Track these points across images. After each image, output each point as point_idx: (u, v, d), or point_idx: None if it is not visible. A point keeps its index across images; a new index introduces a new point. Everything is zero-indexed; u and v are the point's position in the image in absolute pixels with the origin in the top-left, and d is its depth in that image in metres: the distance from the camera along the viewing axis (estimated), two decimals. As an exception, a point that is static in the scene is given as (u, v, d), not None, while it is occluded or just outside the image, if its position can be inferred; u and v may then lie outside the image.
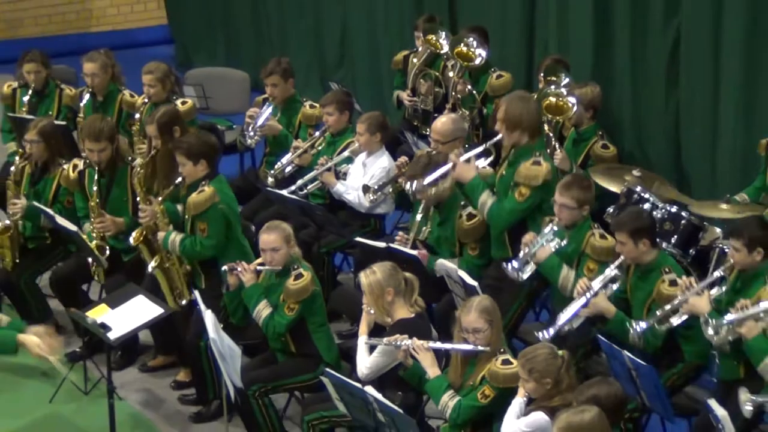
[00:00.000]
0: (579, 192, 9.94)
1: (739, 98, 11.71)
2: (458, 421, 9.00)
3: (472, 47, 12.67)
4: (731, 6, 11.66)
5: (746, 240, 9.08)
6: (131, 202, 11.44)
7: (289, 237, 10.08)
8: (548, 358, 8.56)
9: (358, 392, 8.93)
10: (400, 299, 9.48)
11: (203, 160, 10.61)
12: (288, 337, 10.07)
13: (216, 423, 10.71)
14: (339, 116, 12.15)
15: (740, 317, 8.74)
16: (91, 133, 11.29)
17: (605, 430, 7.71)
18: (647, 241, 9.64)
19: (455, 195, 10.98)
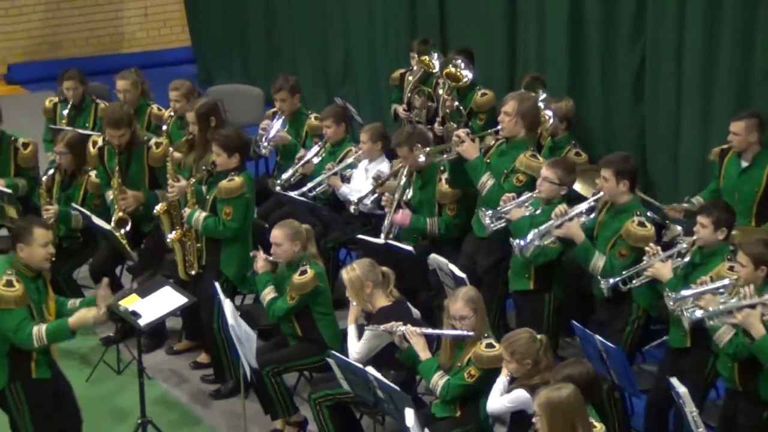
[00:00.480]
0: (563, 172, 9.95)
1: (698, 111, 11.74)
2: (447, 398, 9.01)
3: (460, 68, 12.63)
4: (691, 30, 11.68)
5: (714, 218, 9.05)
6: (147, 177, 11.56)
7: (294, 235, 10.05)
8: (528, 341, 8.59)
9: (360, 372, 8.94)
10: (378, 290, 9.50)
11: (237, 153, 10.63)
12: (294, 323, 10.05)
13: (234, 399, 10.67)
14: (336, 128, 12.12)
15: (699, 291, 8.72)
16: (112, 121, 11.38)
17: (580, 405, 7.67)
18: (627, 182, 9.70)
19: (434, 162, 11.05)
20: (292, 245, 10.05)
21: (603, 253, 9.64)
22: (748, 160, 10.62)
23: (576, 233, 9.70)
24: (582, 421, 7.62)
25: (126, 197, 11.42)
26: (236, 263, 10.61)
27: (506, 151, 10.63)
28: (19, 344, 8.76)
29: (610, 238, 9.66)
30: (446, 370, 9.05)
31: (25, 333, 8.70)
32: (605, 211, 9.82)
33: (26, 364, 8.89)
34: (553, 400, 7.59)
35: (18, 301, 8.72)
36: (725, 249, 9.10)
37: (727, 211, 9.25)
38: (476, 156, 10.55)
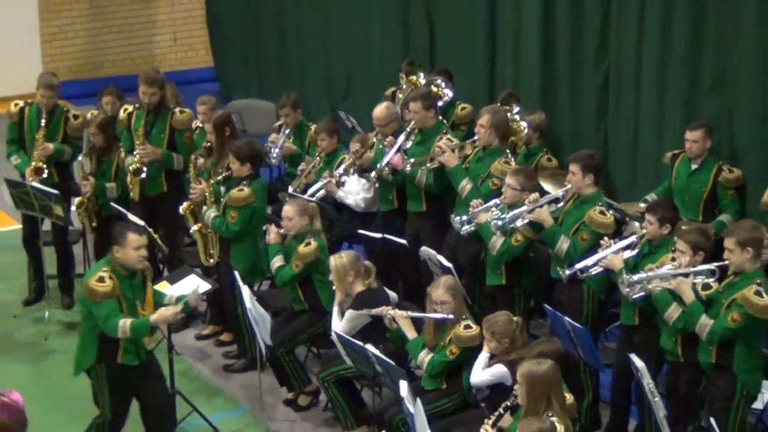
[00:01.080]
0: (524, 179, 9.93)
1: (653, 123, 11.72)
2: (432, 372, 9.04)
3: (441, 87, 12.58)
4: (647, 52, 11.66)
5: (659, 215, 9.08)
6: (167, 139, 11.56)
7: (303, 211, 10.18)
8: (506, 322, 8.62)
9: (361, 350, 8.96)
10: (358, 280, 9.56)
11: (248, 163, 10.58)
12: (298, 288, 10.11)
13: (251, 373, 10.64)
14: (330, 140, 12.00)
15: (648, 276, 8.73)
16: (146, 78, 11.52)
17: (557, 378, 7.67)
18: (592, 176, 9.71)
19: (438, 124, 11.21)
20: (301, 219, 10.13)
21: (567, 237, 9.62)
22: (697, 163, 10.60)
23: (545, 218, 9.69)
24: (556, 393, 7.61)
25: (146, 149, 11.42)
26: (245, 259, 10.56)
27: (482, 158, 10.68)
28: (106, 332, 8.77)
29: (573, 224, 9.66)
30: (431, 349, 9.06)
31: (112, 324, 8.69)
32: (571, 202, 9.82)
33: (114, 349, 8.88)
34: (533, 373, 7.59)
35: (104, 296, 8.71)
36: (670, 241, 9.11)
37: (671, 209, 9.31)
38: (456, 164, 10.62)
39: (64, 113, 11.91)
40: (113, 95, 12.66)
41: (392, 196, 11.38)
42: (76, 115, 12.03)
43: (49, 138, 11.75)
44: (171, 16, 18.47)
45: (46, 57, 17.76)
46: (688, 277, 8.54)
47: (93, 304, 8.75)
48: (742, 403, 8.41)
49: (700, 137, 10.50)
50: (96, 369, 8.93)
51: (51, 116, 11.78)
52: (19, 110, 11.91)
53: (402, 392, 8.26)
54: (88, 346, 8.93)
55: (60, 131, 11.86)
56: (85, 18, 17.93)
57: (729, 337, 8.37)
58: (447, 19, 13.41)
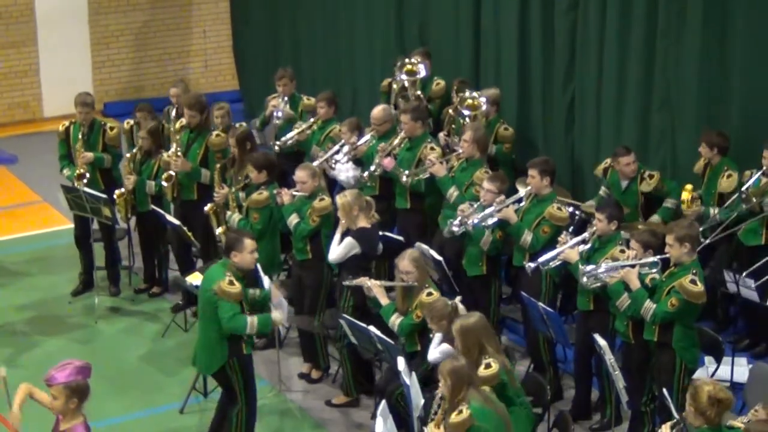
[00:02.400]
0: (500, 184, 9.96)
1: (613, 137, 11.72)
2: (402, 334, 9.13)
3: (415, 64, 12.48)
4: (607, 77, 11.69)
5: (607, 214, 9.11)
6: (201, 156, 11.59)
7: (314, 174, 10.24)
8: (443, 307, 8.63)
9: (365, 330, 8.95)
10: (362, 214, 9.65)
11: (265, 171, 10.57)
12: (308, 243, 10.09)
13: (271, 350, 10.61)
14: (327, 109, 12.13)
15: (602, 268, 8.77)
16: (186, 103, 11.71)
17: (486, 327, 7.87)
18: (549, 178, 9.78)
19: (425, 133, 11.21)
20: (313, 181, 10.18)
21: (530, 231, 9.65)
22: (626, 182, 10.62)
23: (511, 216, 9.75)
24: (488, 340, 7.76)
25: (179, 160, 11.47)
26: (265, 254, 10.45)
27: (466, 168, 10.71)
28: (231, 330, 8.65)
29: (534, 220, 9.72)
30: (402, 313, 9.12)
31: (241, 322, 8.61)
32: (530, 201, 9.87)
33: (239, 343, 8.81)
34: (463, 325, 7.80)
35: (237, 297, 8.68)
36: (617, 236, 9.18)
37: (616, 207, 9.35)
38: (444, 174, 10.68)
39: (101, 126, 11.94)
40: (145, 110, 12.75)
41: (375, 183, 11.41)
42: (112, 126, 12.07)
43: (89, 148, 11.79)
44: (202, 46, 18.50)
45: (96, 81, 17.81)
46: (634, 268, 8.61)
47: (222, 304, 8.58)
48: (682, 376, 8.48)
49: (632, 160, 10.50)
50: (230, 365, 8.78)
51: (90, 129, 11.82)
52: (65, 129, 11.94)
53: (399, 366, 8.30)
54: (216, 346, 8.74)
55: (99, 142, 11.88)
56: (130, 48, 17.98)
57: (669, 319, 8.46)
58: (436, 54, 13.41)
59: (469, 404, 7.25)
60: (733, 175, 10.20)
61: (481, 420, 7.23)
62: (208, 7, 18.42)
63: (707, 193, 10.37)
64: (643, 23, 11.25)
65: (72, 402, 6.67)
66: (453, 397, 7.33)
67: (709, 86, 10.88)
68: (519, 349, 10.28)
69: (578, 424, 9.25)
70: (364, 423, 9.60)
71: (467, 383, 7.34)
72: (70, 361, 6.79)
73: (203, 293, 8.79)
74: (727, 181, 10.22)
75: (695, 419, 6.67)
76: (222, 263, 8.88)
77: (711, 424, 6.65)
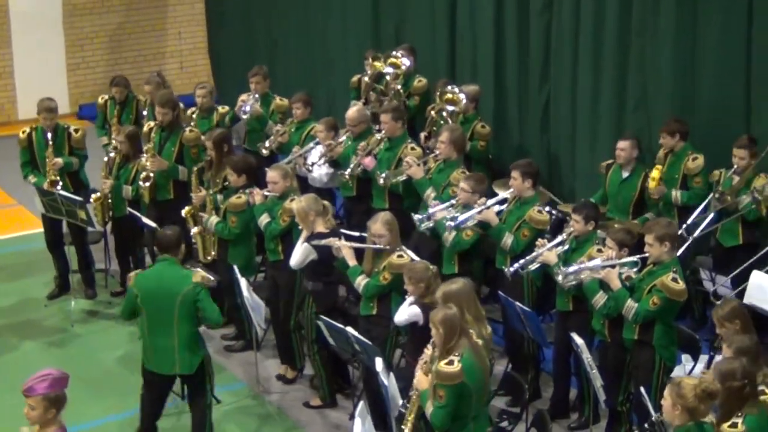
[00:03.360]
0: (475, 183, 9.94)
1: (588, 135, 11.82)
2: (367, 295, 9.11)
3: (399, 57, 12.55)
4: (582, 78, 11.78)
5: (584, 215, 9.11)
6: (176, 154, 11.62)
7: (285, 174, 10.18)
8: (424, 270, 8.58)
9: (342, 331, 8.93)
10: (319, 219, 9.51)
11: (244, 174, 10.54)
12: (279, 243, 10.06)
13: (249, 352, 10.61)
14: (303, 110, 12.12)
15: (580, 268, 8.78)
16: (159, 101, 11.75)
17: (469, 294, 7.85)
18: (531, 181, 9.74)
19: (404, 134, 11.21)
20: (284, 181, 10.13)
21: (511, 233, 9.66)
22: (627, 171, 10.62)
23: (492, 218, 9.74)
24: (469, 307, 7.73)
25: (155, 160, 11.46)
26: (242, 257, 10.53)
27: (444, 169, 10.71)
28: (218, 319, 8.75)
29: (515, 222, 9.70)
30: (368, 275, 9.11)
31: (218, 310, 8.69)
32: (513, 204, 9.85)
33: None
34: (447, 291, 7.80)
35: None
36: (594, 237, 9.18)
37: (593, 208, 9.35)
38: (421, 176, 10.69)
39: (65, 130, 11.87)
40: (121, 85, 12.90)
41: (353, 184, 11.42)
42: (76, 129, 12.00)
43: (57, 153, 11.74)
44: (178, 48, 18.48)
45: (71, 83, 17.77)
46: (614, 268, 8.62)
47: (205, 296, 8.48)
48: (661, 374, 8.48)
49: (627, 146, 10.53)
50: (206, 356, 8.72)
51: (55, 134, 11.74)
52: (27, 136, 11.83)
53: (378, 367, 8.29)
54: (194, 344, 8.62)
55: (65, 146, 11.82)
56: (104, 50, 17.95)
57: (650, 317, 8.45)
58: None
59: (462, 356, 7.23)
60: (699, 158, 10.37)
61: (468, 375, 7.21)
62: (183, 8, 18.39)
63: (670, 177, 10.46)
64: (617, 23, 11.32)
65: (50, 412, 6.70)
66: (445, 345, 7.30)
67: (683, 86, 10.96)
68: (497, 349, 10.30)
69: (556, 423, 9.25)
70: (342, 424, 9.59)
71: (460, 331, 7.33)
72: (48, 372, 6.78)
73: (172, 296, 8.46)
74: (694, 163, 10.38)
75: (679, 417, 6.61)
76: (171, 261, 8.62)
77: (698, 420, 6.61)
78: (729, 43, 10.57)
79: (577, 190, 11.91)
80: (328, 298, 9.67)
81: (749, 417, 6.79)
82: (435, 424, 7.31)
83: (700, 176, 10.39)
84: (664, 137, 10.49)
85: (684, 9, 10.79)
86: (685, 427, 6.57)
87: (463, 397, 7.26)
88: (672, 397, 6.60)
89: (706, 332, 10.22)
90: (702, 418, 6.60)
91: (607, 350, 8.92)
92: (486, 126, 11.89)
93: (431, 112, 12.07)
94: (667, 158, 10.56)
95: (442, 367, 7.20)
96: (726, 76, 10.67)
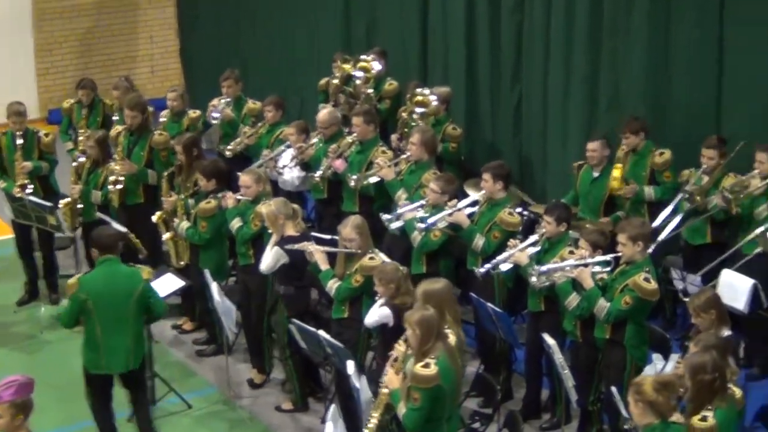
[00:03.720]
0: (444, 184, 9.93)
1: (559, 136, 11.83)
2: (339, 298, 9.11)
3: (369, 61, 12.55)
4: (553, 78, 11.79)
5: (556, 216, 9.10)
6: (146, 158, 11.54)
7: (258, 178, 10.14)
8: (394, 270, 8.59)
9: (314, 334, 8.90)
10: (289, 222, 9.49)
11: (214, 179, 10.50)
12: (250, 247, 10.01)
13: (220, 357, 10.57)
14: (275, 113, 12.09)
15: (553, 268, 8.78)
16: (127, 104, 11.71)
17: (449, 295, 7.81)
18: (502, 183, 9.73)
19: (376, 137, 11.19)
20: (257, 186, 10.09)
21: (482, 235, 9.64)
22: (598, 171, 10.63)
23: (463, 220, 9.72)
24: (449, 308, 7.69)
25: (124, 163, 11.41)
26: (213, 262, 10.51)
27: (414, 171, 10.70)
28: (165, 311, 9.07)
29: (486, 224, 9.67)
30: (340, 278, 9.10)
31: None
32: (484, 205, 9.83)
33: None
34: (428, 290, 7.74)
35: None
36: (566, 237, 9.18)
37: (565, 209, 9.33)
38: (392, 177, 10.67)
39: (35, 134, 11.83)
40: (88, 87, 12.86)
41: (324, 186, 11.39)
42: (47, 133, 11.97)
43: (26, 157, 11.68)
44: (149, 51, 18.42)
45: (41, 88, 17.70)
46: (587, 267, 8.61)
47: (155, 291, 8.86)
48: (632, 374, 8.47)
49: (598, 147, 10.54)
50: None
51: (25, 139, 11.69)
52: None
53: (349, 370, 8.26)
54: (142, 338, 8.81)
55: (35, 150, 11.77)
56: (74, 54, 17.87)
57: (622, 317, 8.45)
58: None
59: (438, 359, 7.19)
60: (666, 152, 10.42)
61: (443, 378, 7.15)
62: (154, 12, 18.33)
63: (637, 175, 10.48)
64: (589, 22, 11.33)
65: (17, 419, 6.67)
66: (421, 347, 7.25)
67: (655, 85, 10.98)
68: (469, 350, 10.28)
69: (528, 424, 9.27)
70: (314, 427, 9.56)
71: (436, 333, 7.28)
72: (14, 378, 6.76)
73: (127, 295, 8.54)
74: (661, 158, 10.43)
75: (644, 417, 6.64)
76: (114, 260, 8.65)
77: (663, 416, 6.60)
78: (701, 43, 10.60)
79: (549, 190, 11.91)
80: (299, 302, 9.64)
81: (719, 410, 6.86)
82: (408, 426, 7.28)
83: (669, 170, 10.43)
84: (628, 137, 10.51)
85: (656, 8, 10.81)
86: (651, 426, 6.59)
87: (438, 399, 7.23)
88: (633, 396, 6.64)
89: (677, 332, 10.25)
90: (667, 412, 6.60)
91: (579, 350, 8.92)
92: (457, 128, 11.89)
93: (402, 114, 12.07)
94: (629, 157, 10.59)
95: (418, 370, 7.16)
96: (697, 76, 10.70)
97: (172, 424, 9.73)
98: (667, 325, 10.30)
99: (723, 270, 9.32)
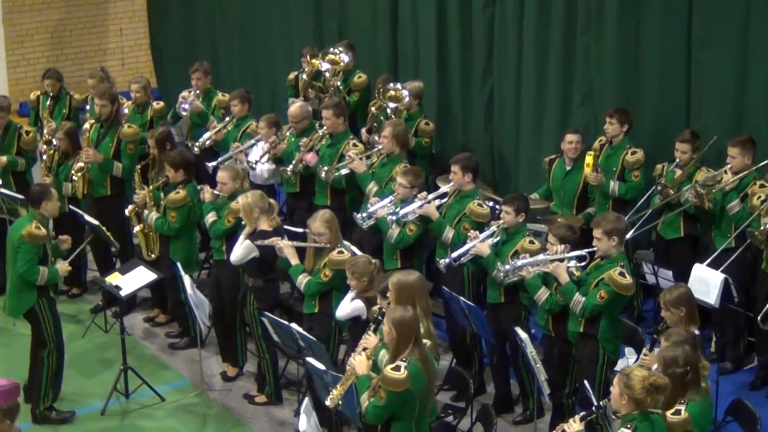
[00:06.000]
0: (413, 178, 9.91)
1: (532, 130, 11.83)
2: (308, 293, 9.09)
3: (338, 54, 12.50)
4: (526, 72, 11.78)
5: (515, 206, 9.11)
6: (114, 149, 11.40)
7: (236, 176, 10.09)
8: (366, 264, 8.60)
9: (287, 328, 8.85)
10: (264, 216, 9.45)
11: (182, 170, 10.44)
12: (224, 243, 9.95)
13: (193, 349, 10.55)
14: (241, 107, 12.01)
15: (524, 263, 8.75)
16: (97, 92, 11.69)
17: (422, 288, 7.75)
18: (470, 175, 9.73)
19: (347, 131, 11.17)
20: (234, 183, 10.06)
21: (452, 227, 9.62)
22: (570, 165, 10.63)
23: (432, 212, 9.70)
24: (420, 300, 7.63)
25: (89, 153, 11.28)
26: (182, 252, 10.45)
27: (386, 164, 10.68)
28: (24, 276, 9.28)
29: (455, 216, 9.66)
30: (310, 273, 9.08)
31: (35, 271, 9.28)
32: (452, 198, 9.81)
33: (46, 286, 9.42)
34: (401, 281, 7.67)
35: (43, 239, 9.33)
36: (524, 228, 9.18)
37: (524, 200, 9.33)
38: (363, 170, 10.66)
39: (17, 129, 11.75)
40: (53, 78, 12.77)
41: (296, 180, 11.35)
42: (28, 131, 11.89)
43: (4, 151, 11.59)
44: (120, 44, 18.28)
45: (11, 81, 17.53)
46: (563, 262, 8.61)
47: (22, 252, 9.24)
48: (605, 367, 8.51)
49: (578, 139, 10.56)
50: (39, 304, 9.37)
51: (5, 133, 11.62)
52: None
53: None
54: (24, 288, 9.34)
55: (14, 145, 11.72)
56: (45, 47, 17.71)
57: (597, 311, 8.45)
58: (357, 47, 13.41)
59: (409, 362, 7.09)
60: (638, 152, 10.47)
61: (414, 382, 7.07)
62: (124, 4, 18.20)
63: (607, 168, 10.52)
64: (562, 16, 11.32)
65: (4, 424, 6.67)
66: (395, 348, 7.16)
67: (626, 81, 10.99)
68: (441, 344, 10.25)
69: (501, 418, 9.25)
70: (287, 420, 9.54)
71: (413, 338, 7.19)
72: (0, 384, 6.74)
73: (11, 240, 9.39)
74: (633, 157, 10.47)
75: (625, 407, 6.61)
76: (30, 214, 9.40)
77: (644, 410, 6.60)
78: (671, 39, 10.63)
79: (521, 184, 11.88)
80: (269, 295, 9.62)
81: (692, 403, 6.88)
82: (368, 419, 7.21)
83: (639, 171, 10.45)
84: (613, 123, 10.51)
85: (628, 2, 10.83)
86: (631, 416, 6.58)
87: (407, 402, 7.16)
88: (620, 386, 6.61)
89: (648, 326, 10.27)
90: (649, 408, 6.60)
91: (551, 344, 8.92)
92: (430, 123, 11.85)
93: (371, 109, 12.02)
94: (604, 149, 10.61)
95: (388, 372, 7.07)
96: (668, 72, 10.72)
97: (145, 416, 9.69)
98: (637, 320, 10.33)
99: (695, 265, 9.35)
